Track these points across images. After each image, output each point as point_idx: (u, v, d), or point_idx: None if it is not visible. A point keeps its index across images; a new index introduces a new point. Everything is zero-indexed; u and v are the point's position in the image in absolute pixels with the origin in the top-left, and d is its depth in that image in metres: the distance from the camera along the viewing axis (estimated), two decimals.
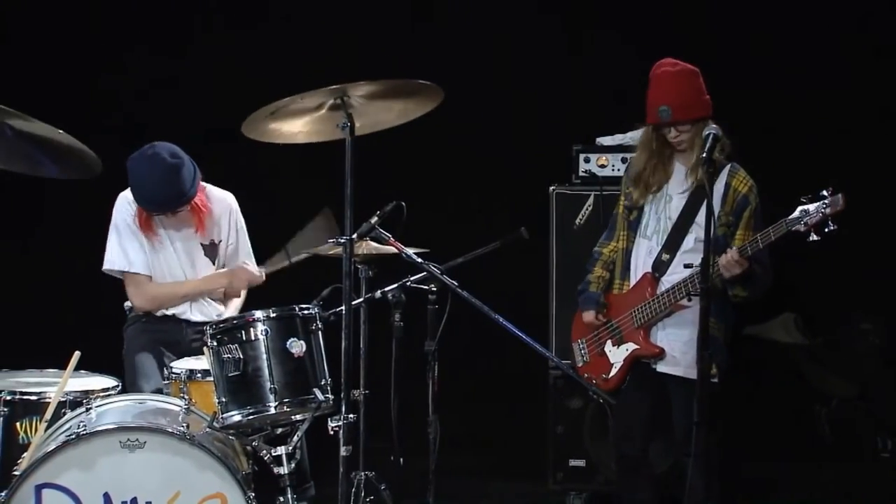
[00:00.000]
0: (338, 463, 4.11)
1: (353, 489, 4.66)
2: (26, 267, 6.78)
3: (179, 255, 5.18)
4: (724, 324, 4.73)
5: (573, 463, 5.70)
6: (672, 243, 4.73)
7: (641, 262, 4.80)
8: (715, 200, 4.62)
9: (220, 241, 5.25)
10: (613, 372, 4.82)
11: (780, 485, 6.20)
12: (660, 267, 4.74)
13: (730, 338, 4.78)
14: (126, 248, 5.11)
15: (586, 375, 4.89)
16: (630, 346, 4.78)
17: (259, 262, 5.31)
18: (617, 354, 4.81)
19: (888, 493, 6.02)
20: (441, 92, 4.30)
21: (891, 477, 6.24)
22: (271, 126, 4.38)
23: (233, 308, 5.26)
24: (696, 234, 4.67)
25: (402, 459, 4.87)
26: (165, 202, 5.04)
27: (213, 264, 5.25)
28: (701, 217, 4.57)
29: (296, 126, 4.41)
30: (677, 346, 4.70)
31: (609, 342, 4.84)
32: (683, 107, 4.67)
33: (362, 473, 4.74)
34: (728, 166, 4.75)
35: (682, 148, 4.73)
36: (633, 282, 4.81)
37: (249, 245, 5.34)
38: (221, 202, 5.27)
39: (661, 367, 4.74)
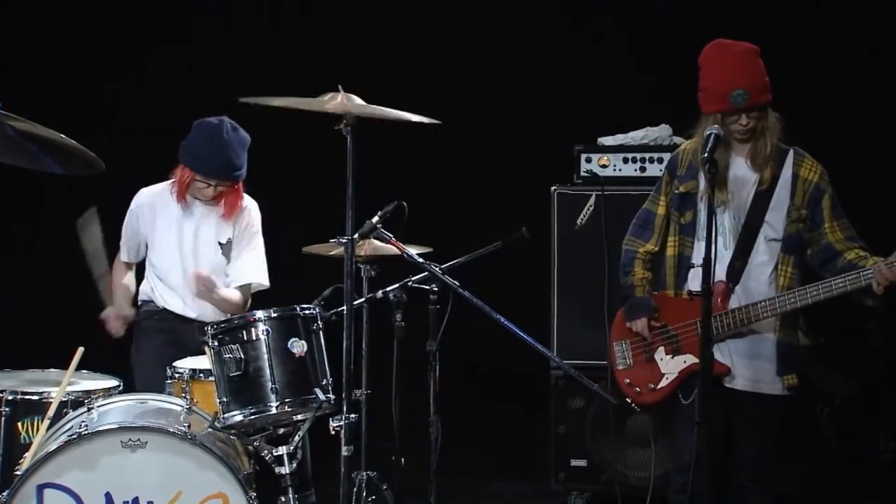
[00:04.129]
0: (339, 463, 4.10)
1: (355, 489, 4.67)
2: (28, 266, 6.79)
3: (189, 242, 5.21)
4: (799, 331, 4.45)
5: (575, 463, 5.70)
6: (744, 248, 4.35)
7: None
8: (781, 193, 4.36)
9: (231, 240, 5.26)
10: (663, 383, 4.44)
11: (782, 485, 6.19)
12: (733, 275, 4.35)
13: (810, 345, 4.51)
14: (125, 237, 5.26)
15: (626, 381, 4.52)
16: (690, 359, 4.39)
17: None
18: (671, 365, 4.44)
19: (891, 494, 6.01)
20: (438, 122, 4.30)
21: (893, 477, 6.24)
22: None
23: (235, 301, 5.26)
24: (765, 233, 4.35)
25: (403, 459, 4.87)
26: (225, 168, 5.09)
27: (228, 262, 5.26)
28: (771, 215, 4.35)
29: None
30: (758, 359, 4.34)
31: (662, 349, 4.46)
32: (759, 89, 4.28)
33: (364, 473, 4.75)
34: (791, 153, 4.39)
35: (746, 137, 4.35)
36: (695, 287, 4.39)
37: (262, 254, 5.32)
38: (249, 204, 5.31)
39: (736, 384, 4.36)
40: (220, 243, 5.24)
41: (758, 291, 4.36)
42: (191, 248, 5.20)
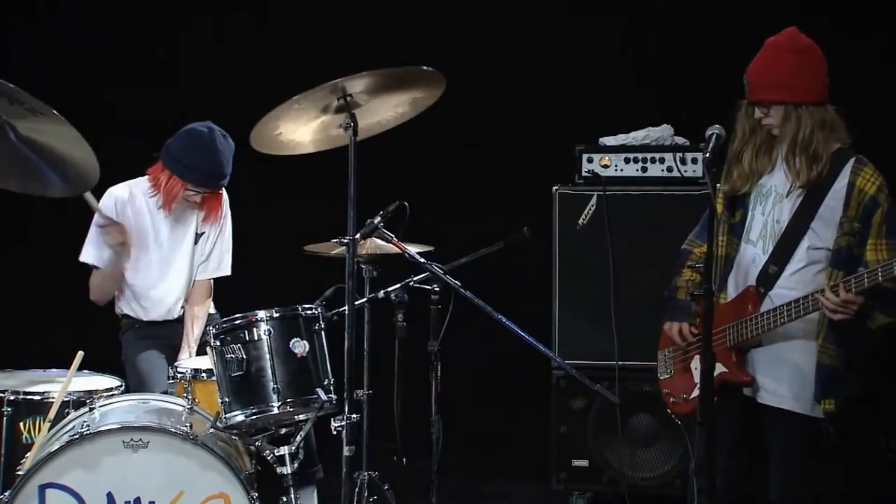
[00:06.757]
0: (341, 463, 4.10)
1: (357, 489, 4.66)
2: (29, 266, 6.79)
3: (171, 240, 5.22)
4: (843, 349, 4.09)
5: (576, 463, 5.70)
6: (781, 253, 4.08)
7: (744, 272, 4.16)
8: (833, 202, 4.04)
9: (203, 232, 5.29)
10: (695, 393, 4.19)
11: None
12: (765, 280, 4.10)
13: (859, 368, 4.14)
14: (102, 243, 5.13)
15: (665, 391, 4.39)
16: (719, 368, 4.07)
17: None
18: None
19: (891, 494, 6.01)
20: (442, 78, 4.29)
21: (893, 477, 6.24)
22: (281, 139, 4.36)
23: (202, 316, 5.28)
24: (810, 241, 4.05)
25: (405, 459, 4.87)
26: (220, 178, 5.10)
27: (195, 243, 5.29)
28: (818, 222, 4.04)
29: (306, 136, 4.40)
30: (784, 372, 4.11)
31: (697, 358, 4.22)
32: (759, 85, 4.07)
33: (365, 473, 4.75)
34: (851, 160, 4.03)
35: (773, 133, 4.12)
36: (731, 293, 4.20)
37: (230, 240, 5.36)
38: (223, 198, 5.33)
39: (762, 398, 4.15)
40: (196, 234, 5.27)
41: (790, 298, 4.06)
42: (169, 255, 5.22)
